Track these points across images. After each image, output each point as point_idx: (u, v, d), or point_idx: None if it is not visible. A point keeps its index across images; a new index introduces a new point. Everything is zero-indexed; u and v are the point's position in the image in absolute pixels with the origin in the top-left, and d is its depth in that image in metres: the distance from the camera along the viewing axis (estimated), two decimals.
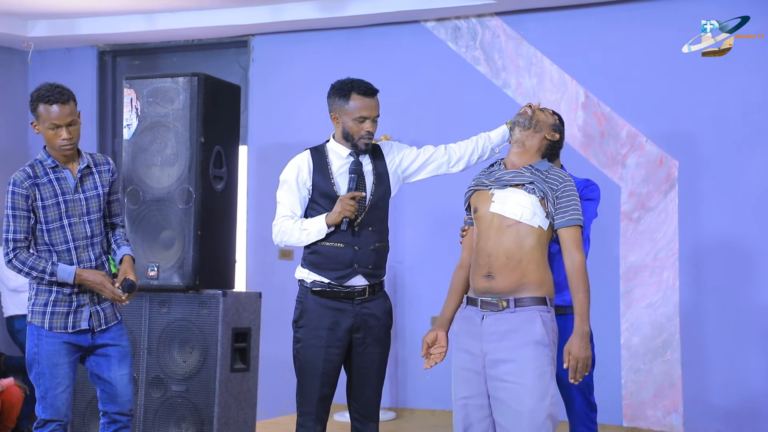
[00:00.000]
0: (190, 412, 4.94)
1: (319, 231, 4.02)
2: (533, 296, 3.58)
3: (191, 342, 4.98)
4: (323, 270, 4.06)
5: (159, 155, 5.07)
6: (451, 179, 6.26)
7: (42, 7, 7.03)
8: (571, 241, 3.61)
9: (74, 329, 4.10)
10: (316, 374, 4.05)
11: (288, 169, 4.16)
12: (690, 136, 6.06)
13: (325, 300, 4.07)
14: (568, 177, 3.69)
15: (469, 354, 3.64)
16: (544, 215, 3.62)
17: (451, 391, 3.70)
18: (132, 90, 5.12)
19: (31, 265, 4.04)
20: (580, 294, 3.56)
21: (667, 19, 6.09)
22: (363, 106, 4.05)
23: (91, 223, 4.15)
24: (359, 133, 4.06)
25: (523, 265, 3.59)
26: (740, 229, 5.93)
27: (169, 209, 5.02)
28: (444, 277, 6.56)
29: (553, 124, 3.82)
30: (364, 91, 4.06)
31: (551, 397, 3.52)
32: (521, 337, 3.54)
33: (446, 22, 6.71)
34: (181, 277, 4.98)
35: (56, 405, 4.08)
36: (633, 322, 6.11)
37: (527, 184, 3.63)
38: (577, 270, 3.58)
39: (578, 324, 3.54)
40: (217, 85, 5.18)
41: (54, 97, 4.03)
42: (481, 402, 3.61)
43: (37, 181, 4.08)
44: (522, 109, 3.80)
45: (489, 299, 3.61)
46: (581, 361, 3.51)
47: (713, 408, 5.91)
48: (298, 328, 4.12)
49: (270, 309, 6.24)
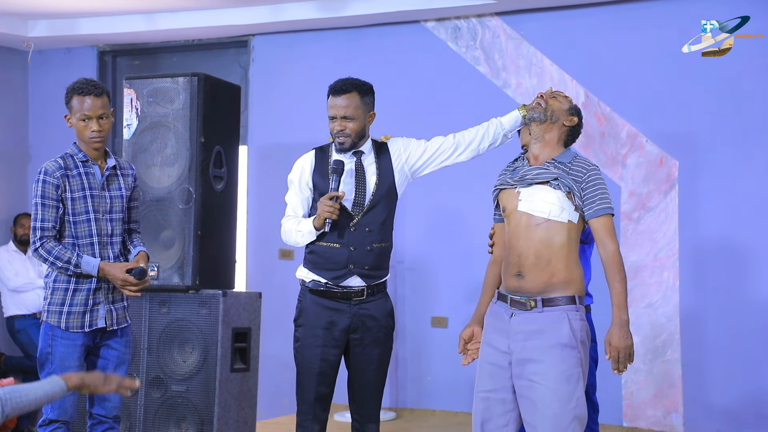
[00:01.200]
0: (190, 412, 4.94)
1: (309, 232, 4.06)
2: (562, 296, 3.56)
3: (191, 342, 4.98)
4: (320, 270, 4.08)
5: (159, 155, 5.06)
6: (454, 179, 6.28)
7: (42, 7, 7.03)
8: (604, 230, 3.59)
9: (91, 328, 4.14)
10: (312, 373, 4.07)
11: (293, 169, 4.22)
12: (690, 136, 6.06)
13: (322, 300, 4.09)
14: (592, 165, 3.66)
15: (495, 349, 3.63)
16: (572, 208, 3.60)
17: (474, 384, 3.70)
18: (132, 90, 5.12)
19: (57, 255, 4.08)
20: (617, 283, 3.54)
21: (667, 19, 6.09)
22: (330, 105, 4.12)
23: (113, 221, 4.21)
24: (332, 132, 4.13)
25: (553, 264, 3.57)
26: (740, 229, 5.92)
27: (170, 209, 5.02)
28: (444, 277, 6.59)
29: (569, 108, 3.76)
30: (333, 90, 4.13)
31: (577, 399, 3.51)
32: (548, 339, 3.53)
33: (446, 22, 6.71)
34: (181, 277, 4.98)
35: (64, 406, 4.10)
36: (633, 322, 6.10)
37: (552, 181, 3.62)
38: (612, 258, 3.56)
39: (616, 314, 3.52)
40: (217, 85, 5.18)
41: (88, 89, 4.13)
42: (504, 396, 3.60)
43: (68, 173, 4.14)
44: (534, 102, 3.75)
45: (518, 298, 3.60)
46: (623, 351, 3.49)
47: (713, 408, 5.91)
48: (296, 327, 4.16)
49: (270, 309, 6.24)
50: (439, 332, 6.53)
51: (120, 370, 4.20)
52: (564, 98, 3.80)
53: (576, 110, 3.81)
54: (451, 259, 6.56)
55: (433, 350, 6.64)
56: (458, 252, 6.58)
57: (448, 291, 6.55)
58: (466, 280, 6.51)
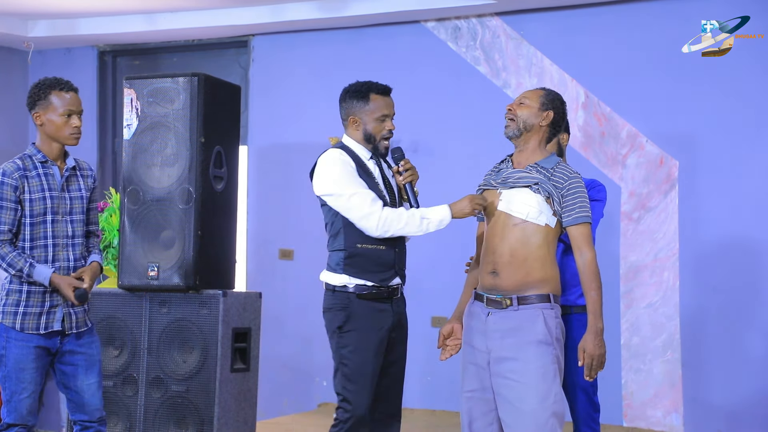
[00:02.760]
0: (190, 412, 4.93)
1: (440, 221, 3.91)
2: (536, 294, 3.59)
3: (191, 342, 4.98)
4: (366, 273, 4.00)
5: (159, 155, 5.06)
6: (453, 179, 6.27)
7: (42, 7, 7.03)
8: (581, 238, 3.62)
9: (47, 330, 4.05)
10: (367, 378, 3.99)
11: (340, 164, 4.01)
12: (690, 136, 6.06)
13: (371, 303, 4.01)
14: (574, 174, 3.67)
15: (475, 349, 3.67)
16: (551, 213, 3.63)
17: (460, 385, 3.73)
18: (132, 90, 5.12)
19: (10, 262, 4.01)
20: (592, 291, 3.57)
21: (667, 19, 6.08)
22: (384, 105, 4.06)
23: (73, 222, 4.14)
24: (381, 132, 4.06)
25: (528, 263, 3.60)
26: (740, 229, 5.92)
27: (169, 209, 5.02)
28: (443, 277, 6.58)
29: (540, 105, 3.71)
30: (383, 90, 4.08)
31: (555, 395, 3.53)
32: (524, 336, 3.56)
33: (446, 22, 6.71)
34: (181, 277, 4.97)
35: (19, 409, 4.03)
36: (633, 322, 6.11)
37: (533, 185, 3.63)
38: (588, 267, 3.59)
39: (591, 321, 3.55)
40: (217, 85, 5.18)
41: (69, 85, 4.11)
42: (486, 396, 3.63)
43: (27, 174, 4.06)
44: (506, 122, 3.73)
45: (494, 296, 3.63)
46: (596, 359, 3.52)
47: (713, 408, 5.91)
48: (343, 333, 4.01)
49: (270, 309, 6.24)
50: (439, 332, 6.53)
51: (92, 372, 4.14)
52: (533, 96, 3.74)
53: (549, 100, 3.73)
54: (451, 259, 6.55)
55: (433, 350, 6.60)
56: (458, 252, 6.58)
57: (448, 291, 6.54)
58: None
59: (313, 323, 6.94)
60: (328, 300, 4.05)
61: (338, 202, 3.97)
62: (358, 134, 4.09)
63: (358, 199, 3.93)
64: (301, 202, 7.08)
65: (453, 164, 6.45)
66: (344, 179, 3.97)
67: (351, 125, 4.10)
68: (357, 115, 4.07)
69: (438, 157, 6.55)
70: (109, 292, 5.14)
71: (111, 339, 5.08)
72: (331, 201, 4.00)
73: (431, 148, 6.52)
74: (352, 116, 4.08)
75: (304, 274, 7.06)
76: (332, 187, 3.98)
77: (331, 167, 4.00)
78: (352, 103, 4.08)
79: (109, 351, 5.07)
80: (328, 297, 4.06)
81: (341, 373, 4.01)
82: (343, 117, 4.14)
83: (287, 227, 7.17)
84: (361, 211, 3.93)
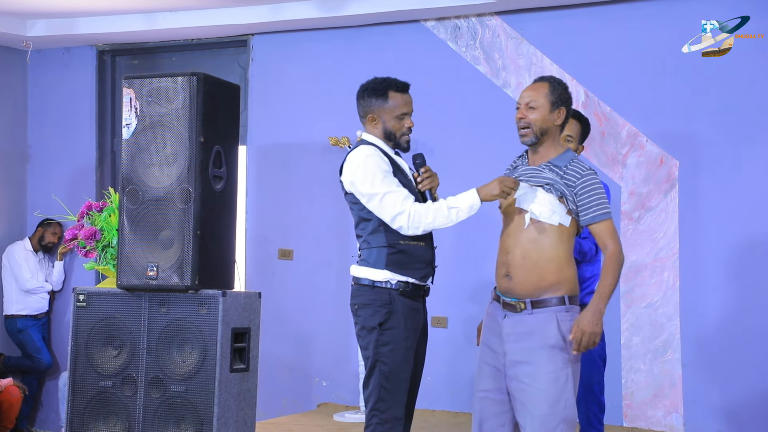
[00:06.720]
0: (190, 412, 4.92)
1: (470, 207, 3.78)
2: (551, 297, 3.57)
3: (190, 342, 4.97)
4: (408, 269, 3.93)
5: (158, 155, 5.05)
6: (453, 179, 6.26)
7: (41, 7, 7.02)
8: (604, 233, 3.60)
9: None
10: (405, 377, 3.91)
11: (375, 160, 3.93)
12: (690, 136, 6.05)
13: (410, 301, 3.94)
14: (587, 170, 3.64)
15: (491, 350, 3.67)
16: (564, 212, 3.61)
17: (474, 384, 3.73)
18: (131, 89, 5.11)
19: None
20: (609, 276, 3.55)
21: (667, 19, 6.08)
22: (403, 103, 4.02)
23: None
24: (401, 130, 4.02)
25: (541, 265, 3.58)
26: (740, 229, 5.92)
27: (169, 209, 5.01)
28: (443, 277, 6.57)
29: (550, 104, 3.68)
30: (402, 87, 4.03)
31: (566, 401, 3.52)
32: (536, 341, 3.55)
33: (446, 22, 6.70)
34: (180, 277, 4.96)
35: None
36: (633, 322, 6.11)
37: (545, 185, 3.62)
38: (609, 257, 3.58)
39: (595, 300, 3.54)
40: (216, 84, 5.17)
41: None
42: (500, 398, 3.62)
43: None
44: (519, 131, 3.71)
45: (509, 300, 3.63)
46: (587, 336, 3.50)
47: (713, 408, 5.90)
48: (384, 331, 3.90)
49: (269, 309, 6.23)
50: (439, 332, 6.52)
51: None
52: (539, 96, 3.70)
53: (557, 96, 3.70)
54: (451, 259, 6.55)
55: (433, 350, 6.59)
56: (458, 252, 6.58)
57: (447, 291, 6.53)
58: (466, 280, 6.50)
59: (313, 323, 6.94)
60: (367, 295, 3.94)
61: (372, 202, 3.89)
62: (377, 131, 4.04)
63: (391, 198, 3.86)
64: (300, 201, 7.08)
65: (453, 163, 6.44)
66: (377, 178, 3.88)
67: (369, 123, 4.04)
68: (375, 113, 4.01)
69: (438, 157, 6.53)
70: (108, 292, 5.13)
71: (110, 339, 5.07)
72: (364, 200, 3.92)
73: (431, 148, 6.51)
74: (371, 114, 4.03)
75: (303, 274, 7.06)
76: (364, 186, 3.90)
77: (364, 165, 3.91)
78: (370, 101, 4.02)
79: (108, 351, 5.06)
80: (365, 293, 3.94)
81: (379, 371, 3.89)
82: (361, 114, 4.08)
83: (286, 227, 7.17)
84: (394, 211, 3.85)
